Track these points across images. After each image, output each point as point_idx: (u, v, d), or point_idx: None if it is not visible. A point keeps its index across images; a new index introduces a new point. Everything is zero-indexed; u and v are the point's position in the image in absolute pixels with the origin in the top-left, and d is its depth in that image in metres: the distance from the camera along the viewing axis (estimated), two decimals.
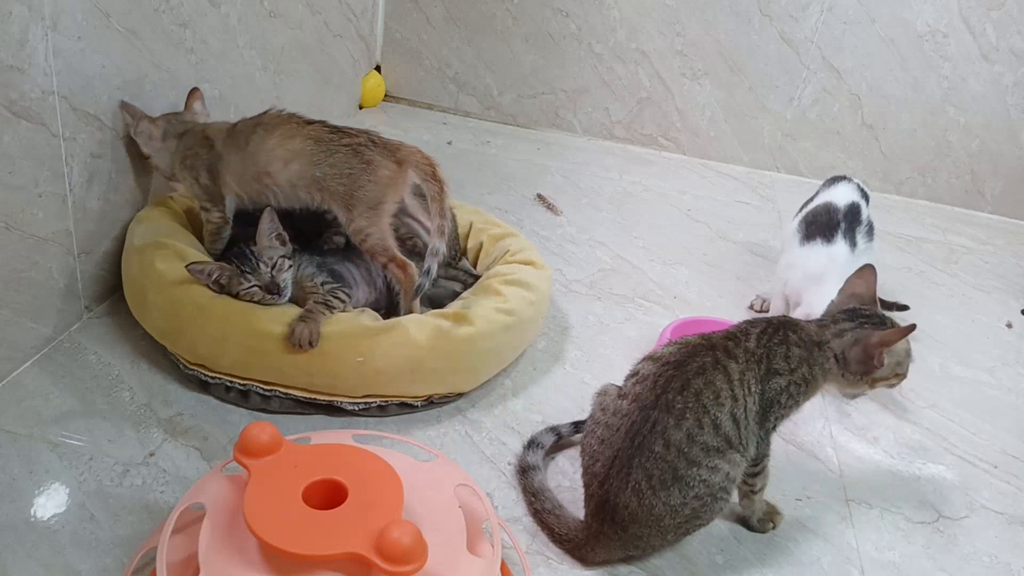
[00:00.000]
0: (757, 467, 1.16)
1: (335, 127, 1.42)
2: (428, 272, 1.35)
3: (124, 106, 1.44)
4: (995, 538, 1.30)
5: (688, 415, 1.06)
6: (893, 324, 1.17)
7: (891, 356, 1.15)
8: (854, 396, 1.28)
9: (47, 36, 1.25)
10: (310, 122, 1.43)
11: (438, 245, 1.36)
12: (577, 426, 1.34)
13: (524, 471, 1.25)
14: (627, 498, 1.07)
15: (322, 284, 1.37)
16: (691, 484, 1.06)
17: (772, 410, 1.12)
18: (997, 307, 2.02)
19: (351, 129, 1.43)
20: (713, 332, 1.16)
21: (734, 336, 1.14)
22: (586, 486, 1.14)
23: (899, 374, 1.19)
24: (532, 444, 1.30)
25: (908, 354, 1.21)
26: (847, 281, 1.25)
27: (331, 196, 1.39)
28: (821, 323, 1.19)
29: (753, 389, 1.11)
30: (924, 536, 1.28)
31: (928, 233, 2.38)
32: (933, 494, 1.37)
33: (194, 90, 1.53)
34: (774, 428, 1.14)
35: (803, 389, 1.14)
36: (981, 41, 2.35)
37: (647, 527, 1.08)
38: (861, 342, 1.14)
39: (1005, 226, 2.51)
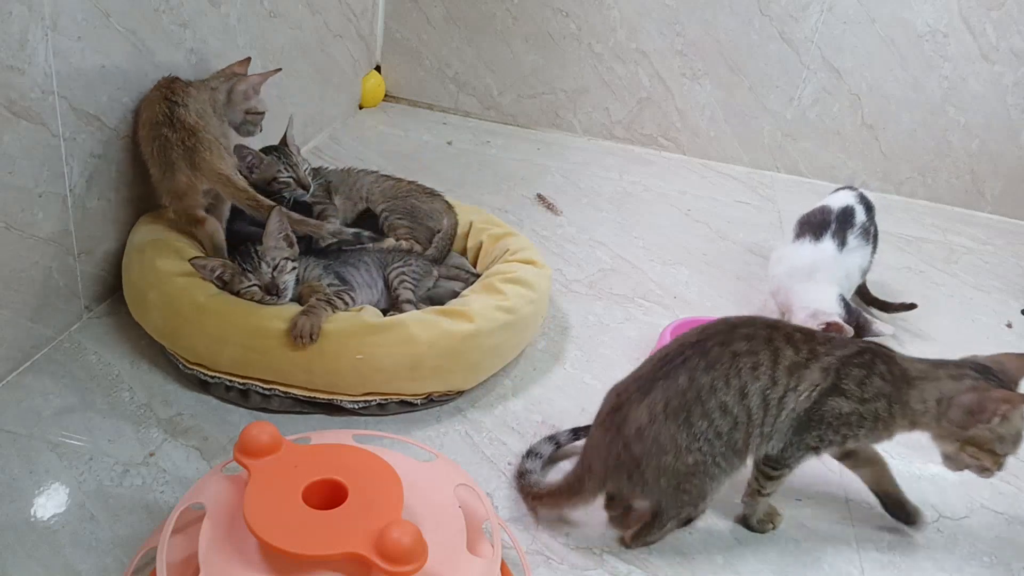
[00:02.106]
0: (775, 472, 1.14)
1: (170, 117, 1.40)
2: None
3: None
4: (995, 538, 1.30)
5: (719, 367, 1.05)
6: None
7: (1003, 425, 1.06)
8: (951, 461, 1.14)
9: (47, 36, 1.25)
10: (165, 98, 1.42)
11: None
12: (576, 433, 1.33)
13: (521, 475, 1.24)
14: (639, 412, 1.07)
15: (328, 286, 1.38)
16: (696, 436, 1.05)
17: (819, 427, 1.07)
18: (997, 307, 2.02)
19: (185, 122, 1.40)
20: (788, 323, 1.14)
21: (809, 333, 1.11)
22: (602, 404, 1.14)
23: (995, 454, 1.08)
24: (531, 454, 1.29)
25: (1017, 441, 1.09)
26: (1002, 353, 1.14)
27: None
28: (936, 362, 1.11)
29: (802, 389, 1.07)
30: (924, 536, 1.28)
31: (928, 233, 2.38)
32: (933, 494, 1.37)
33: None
34: (815, 449, 1.10)
35: (871, 425, 1.08)
36: (981, 41, 2.35)
37: (648, 456, 1.07)
38: (980, 391, 1.06)
39: (1005, 226, 2.51)
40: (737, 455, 1.10)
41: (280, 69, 1.61)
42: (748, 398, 1.06)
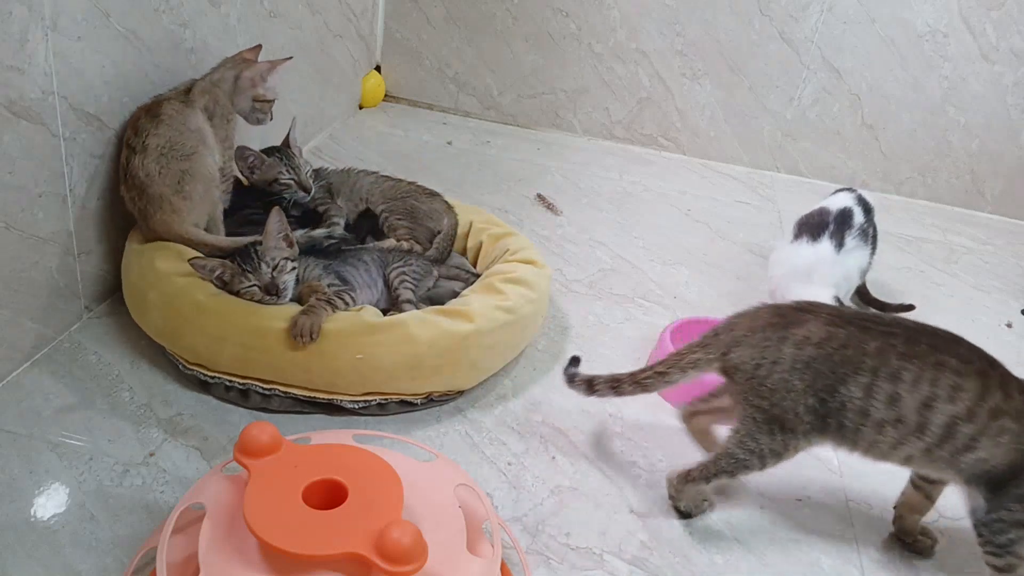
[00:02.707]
0: (987, 545, 1.05)
1: (125, 169, 1.39)
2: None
3: None
4: None
5: (916, 363, 1.00)
6: None
7: None
8: None
9: (47, 36, 1.25)
10: (127, 143, 1.40)
11: None
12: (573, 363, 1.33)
13: (576, 381, 1.26)
14: (818, 328, 1.03)
15: (328, 286, 1.38)
16: (834, 393, 1.01)
17: (1020, 489, 1.00)
18: (997, 307, 2.02)
19: (136, 178, 1.38)
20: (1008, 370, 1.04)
21: (1018, 378, 1.04)
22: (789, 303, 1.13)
23: None
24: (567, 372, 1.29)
25: None
26: None
27: None
28: None
29: (1003, 441, 0.99)
30: None
31: (928, 233, 2.38)
32: None
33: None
34: None
35: None
36: (981, 41, 2.35)
37: (790, 365, 1.04)
38: None
39: (1005, 226, 2.51)
40: (836, 437, 1.06)
41: (291, 57, 1.59)
42: (932, 412, 1.00)
